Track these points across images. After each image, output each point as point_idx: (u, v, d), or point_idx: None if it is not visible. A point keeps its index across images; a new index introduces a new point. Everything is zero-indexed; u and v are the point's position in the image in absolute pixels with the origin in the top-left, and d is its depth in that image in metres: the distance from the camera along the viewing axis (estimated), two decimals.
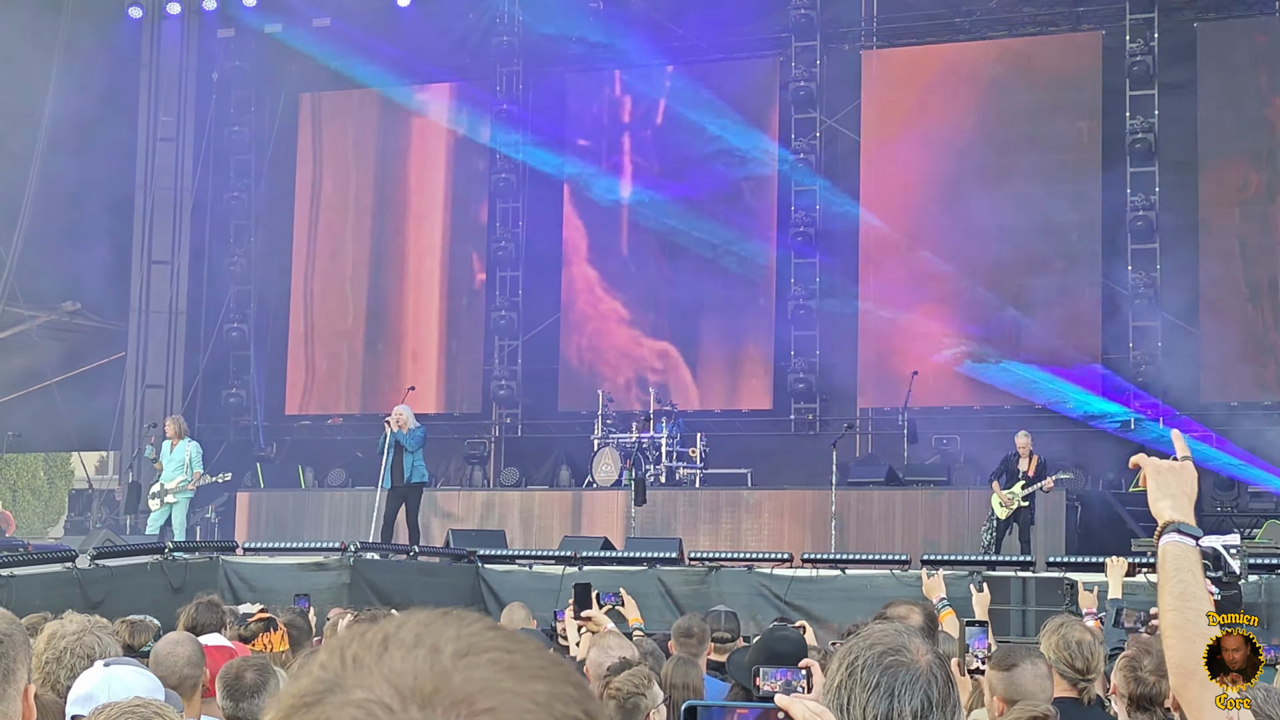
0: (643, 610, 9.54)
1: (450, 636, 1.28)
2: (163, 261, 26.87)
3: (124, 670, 4.94)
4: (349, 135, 28.12)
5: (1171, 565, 3.13)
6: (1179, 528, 3.19)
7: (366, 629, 1.31)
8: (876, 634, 3.06)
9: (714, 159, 25.71)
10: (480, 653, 1.27)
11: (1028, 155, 24.11)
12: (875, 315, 24.42)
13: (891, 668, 2.97)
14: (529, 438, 26.09)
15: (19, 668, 2.69)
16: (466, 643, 1.28)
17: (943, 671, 3.00)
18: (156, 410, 25.67)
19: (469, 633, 1.29)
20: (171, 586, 15.50)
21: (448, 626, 1.30)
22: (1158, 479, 3.30)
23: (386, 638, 1.29)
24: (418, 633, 1.29)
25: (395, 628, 1.30)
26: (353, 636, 1.31)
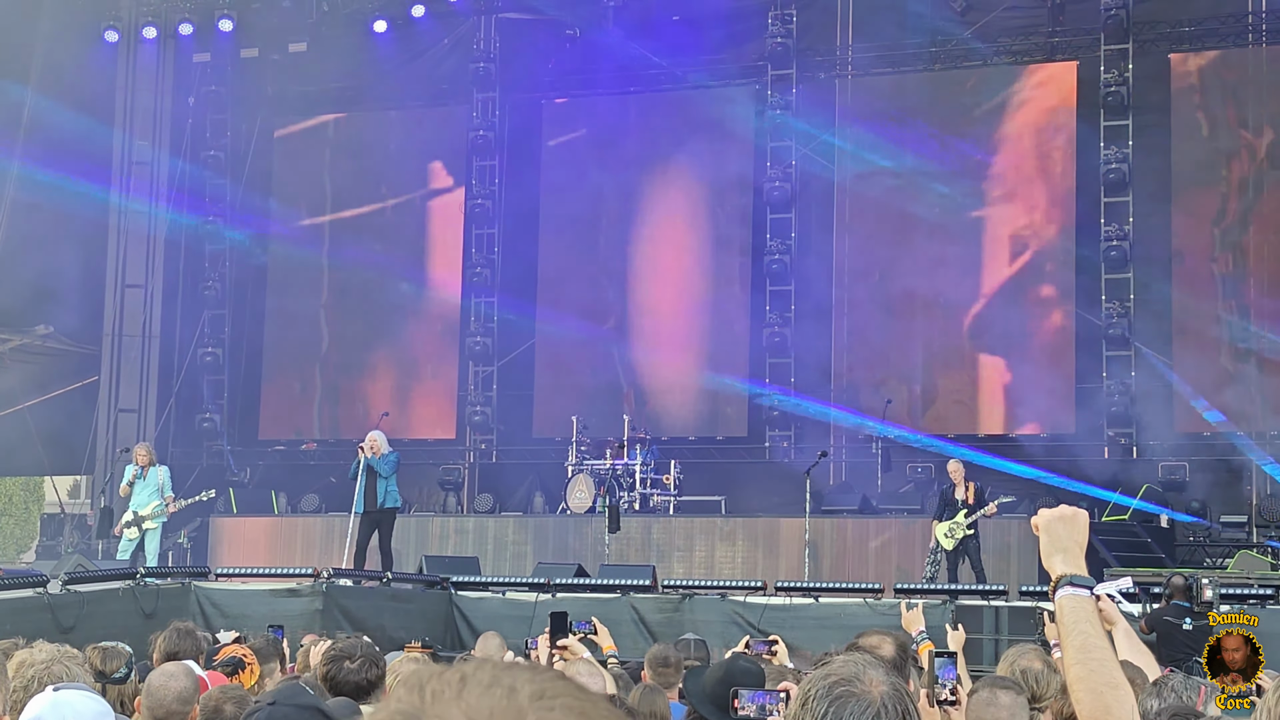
0: (616, 638, 9.52)
1: (525, 680, 1.37)
2: (136, 285, 26.79)
3: (72, 695, 4.89)
4: (324, 159, 28.10)
5: (1069, 619, 3.16)
6: (1072, 580, 3.23)
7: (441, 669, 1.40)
8: (835, 665, 3.01)
9: (689, 188, 25.76)
10: (554, 697, 1.35)
11: (1000, 185, 24.20)
12: (850, 343, 24.47)
13: (841, 698, 2.92)
14: (503, 464, 26.06)
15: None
16: (540, 687, 1.36)
17: (899, 704, 2.94)
18: (130, 434, 25.57)
19: (542, 679, 1.38)
20: (143, 612, 15.42)
21: (522, 672, 1.39)
22: (1049, 533, 3.36)
23: (464, 677, 1.38)
24: (494, 675, 1.38)
25: (472, 670, 1.39)
26: (430, 674, 1.40)
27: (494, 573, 19.62)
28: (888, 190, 24.72)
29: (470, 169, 26.79)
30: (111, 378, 26.57)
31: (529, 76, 26.66)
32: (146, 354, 26.76)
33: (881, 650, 6.18)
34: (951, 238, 24.35)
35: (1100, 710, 3.05)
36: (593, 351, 25.94)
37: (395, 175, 27.64)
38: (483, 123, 26.61)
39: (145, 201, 26.93)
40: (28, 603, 14.77)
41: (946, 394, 24.05)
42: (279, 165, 28.44)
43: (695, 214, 25.87)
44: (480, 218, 26.48)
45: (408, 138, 27.66)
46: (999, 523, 20.87)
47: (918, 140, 24.69)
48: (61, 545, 24.99)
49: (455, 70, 27.06)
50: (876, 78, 25.23)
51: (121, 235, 26.86)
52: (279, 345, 27.87)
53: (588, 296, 26.20)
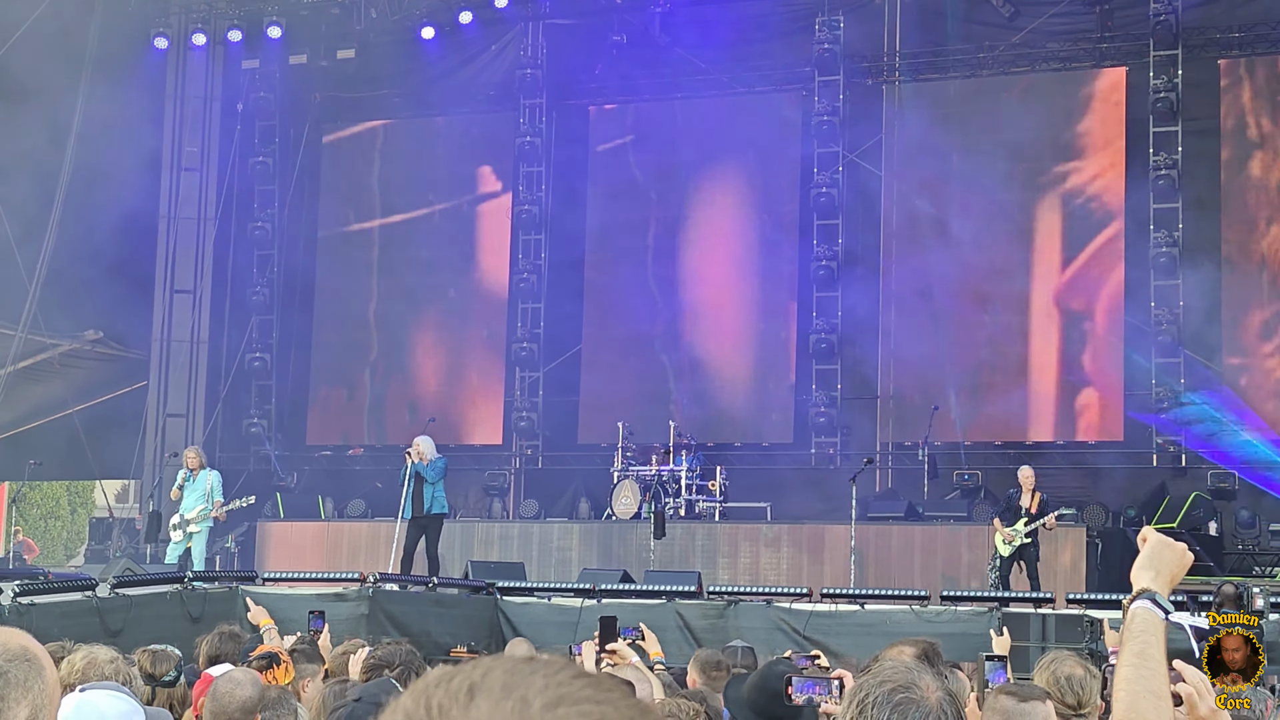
0: (661, 644, 9.51)
1: (539, 687, 1.26)
2: (185, 291, 26.94)
3: (97, 695, 4.88)
4: (372, 165, 28.21)
5: (1138, 626, 3.19)
6: (1154, 597, 3.25)
7: (452, 675, 1.29)
8: (887, 671, 3.06)
9: (735, 193, 25.78)
10: (571, 704, 1.25)
11: (1050, 191, 24.11)
12: (897, 350, 24.42)
13: (901, 705, 2.97)
14: (549, 469, 26.08)
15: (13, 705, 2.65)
16: (556, 693, 1.25)
17: (953, 708, 3.01)
18: (178, 439, 25.71)
19: (557, 682, 1.27)
20: (190, 616, 15.49)
21: (535, 676, 1.28)
22: (1155, 549, 3.39)
23: (473, 687, 1.27)
24: (505, 682, 1.27)
25: (481, 676, 1.28)
26: (438, 683, 1.29)
27: (539, 578, 19.61)
28: (935, 197, 24.65)
29: (517, 175, 26.84)
30: (160, 383, 26.72)
31: (576, 82, 26.70)
32: (195, 359, 26.91)
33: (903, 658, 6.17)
34: (1000, 244, 24.26)
35: (1134, 712, 3.05)
36: (639, 357, 25.95)
37: (443, 181, 27.72)
38: (530, 129, 26.65)
39: (194, 207, 27.10)
40: (76, 606, 14.85)
41: (994, 401, 23.94)
42: (327, 171, 28.57)
43: (742, 220, 25.86)
44: (527, 223, 26.52)
45: (455, 144, 27.73)
46: (1046, 531, 20.78)
47: (965, 147, 24.61)
48: (110, 549, 25.14)
49: (503, 76, 27.12)
50: (924, 84, 25.15)
51: (171, 241, 27.02)
52: (327, 350, 27.99)
53: (634, 302, 26.20)
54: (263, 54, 27.43)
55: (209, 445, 25.44)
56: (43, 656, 2.73)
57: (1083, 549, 20.19)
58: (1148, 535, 3.45)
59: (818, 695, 4.64)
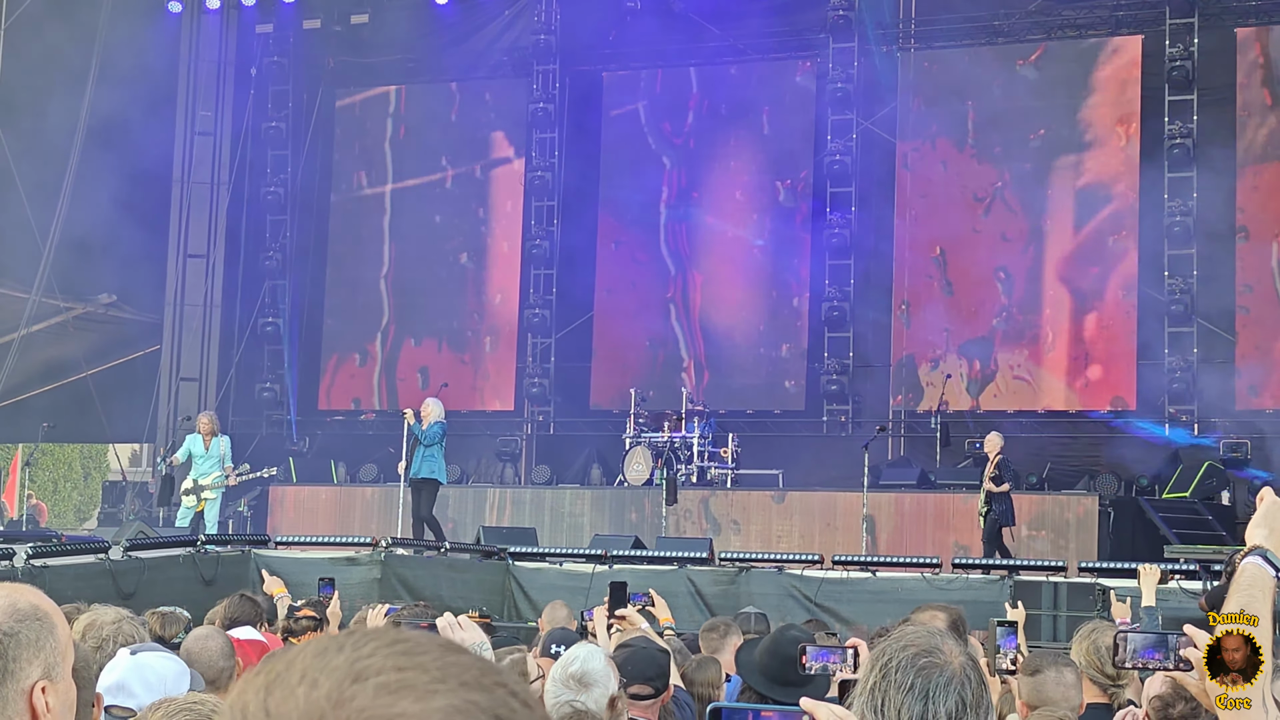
0: (672, 610, 9.53)
1: (334, 667, 1.19)
2: (198, 255, 26.99)
3: (151, 657, 4.89)
4: (385, 131, 28.19)
5: (1245, 581, 3.23)
6: (1265, 554, 3.28)
7: (259, 671, 1.24)
8: (909, 636, 3.07)
9: (749, 160, 25.74)
10: (368, 678, 1.18)
11: (1064, 159, 24.04)
12: (910, 319, 24.41)
13: (925, 669, 2.98)
14: (561, 435, 26.11)
15: (25, 666, 2.64)
16: (353, 670, 1.18)
17: (976, 673, 3.02)
18: (191, 403, 25.79)
19: (358, 657, 1.20)
20: (203, 579, 15.55)
21: (339, 653, 1.21)
22: (1268, 510, 3.41)
23: (275, 679, 1.21)
24: (304, 668, 1.20)
25: (285, 666, 1.22)
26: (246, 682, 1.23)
27: (551, 544, 19.65)
28: (949, 164, 24.61)
29: (530, 141, 26.80)
30: (173, 347, 26.78)
31: (589, 48, 26.62)
32: (208, 323, 26.96)
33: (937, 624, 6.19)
34: (1013, 212, 24.21)
35: None
36: (651, 324, 25.95)
37: (456, 147, 27.69)
38: (543, 95, 26.61)
39: (207, 171, 27.12)
40: (90, 568, 14.91)
41: (1006, 370, 23.92)
42: (340, 136, 28.55)
43: (755, 187, 25.82)
44: (540, 189, 26.50)
45: (468, 109, 27.70)
46: (1058, 499, 20.80)
47: (980, 114, 24.55)
48: (123, 512, 25.22)
49: (516, 42, 27.07)
50: (938, 51, 25.06)
51: (184, 205, 27.06)
52: (339, 315, 28.02)
53: (647, 269, 26.20)
54: (276, 18, 27.42)
55: (221, 410, 25.48)
56: (54, 614, 2.73)
57: (1095, 518, 20.20)
58: (1266, 495, 3.47)
59: (833, 664, 4.66)
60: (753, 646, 6.26)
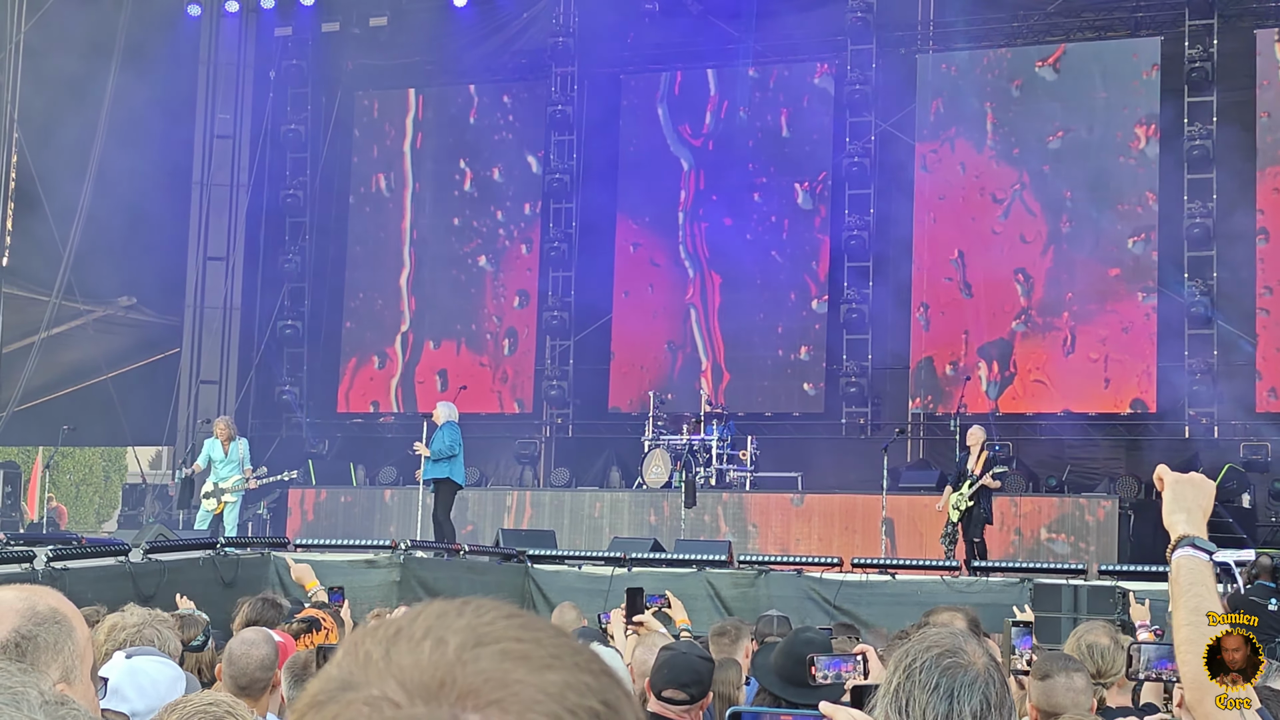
0: (691, 613, 9.53)
1: (459, 628, 1.25)
2: (218, 258, 27.05)
3: (146, 662, 4.88)
4: (404, 134, 28.22)
5: (1185, 580, 3.11)
6: (1193, 541, 3.17)
7: (381, 624, 1.28)
8: (932, 637, 3.10)
9: (767, 162, 25.72)
10: (490, 644, 1.23)
11: (1083, 161, 23.99)
12: (928, 320, 24.37)
13: (950, 669, 3.01)
14: (580, 438, 26.11)
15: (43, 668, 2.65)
16: (476, 634, 1.24)
17: (998, 674, 3.05)
18: (210, 406, 25.85)
19: (480, 623, 1.26)
20: (223, 581, 15.57)
21: (460, 617, 1.26)
22: (1175, 490, 3.29)
23: (398, 632, 1.26)
24: (428, 625, 1.26)
25: (408, 621, 1.27)
26: (367, 633, 1.28)
27: (570, 546, 19.65)
28: (968, 165, 24.56)
29: (549, 143, 26.81)
30: (192, 349, 26.84)
31: (607, 50, 26.61)
32: (227, 326, 27.02)
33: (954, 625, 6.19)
34: (1032, 214, 24.15)
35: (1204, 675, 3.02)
36: (670, 326, 25.95)
37: (474, 149, 27.70)
38: (561, 97, 26.62)
39: (227, 174, 27.18)
40: (110, 571, 14.95)
41: (1025, 372, 23.88)
42: (359, 139, 28.58)
43: (774, 189, 25.79)
44: (558, 192, 26.51)
45: (487, 111, 27.72)
46: (1077, 502, 20.75)
47: (999, 115, 24.51)
48: (143, 515, 25.28)
49: (534, 44, 27.07)
50: (957, 53, 25.02)
51: (203, 208, 27.12)
52: (358, 318, 28.05)
53: (665, 271, 26.20)
54: (295, 21, 27.46)
55: (241, 412, 25.57)
56: (74, 617, 2.74)
57: (1115, 520, 20.14)
58: (1163, 475, 3.37)
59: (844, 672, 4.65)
60: (770, 650, 6.26)
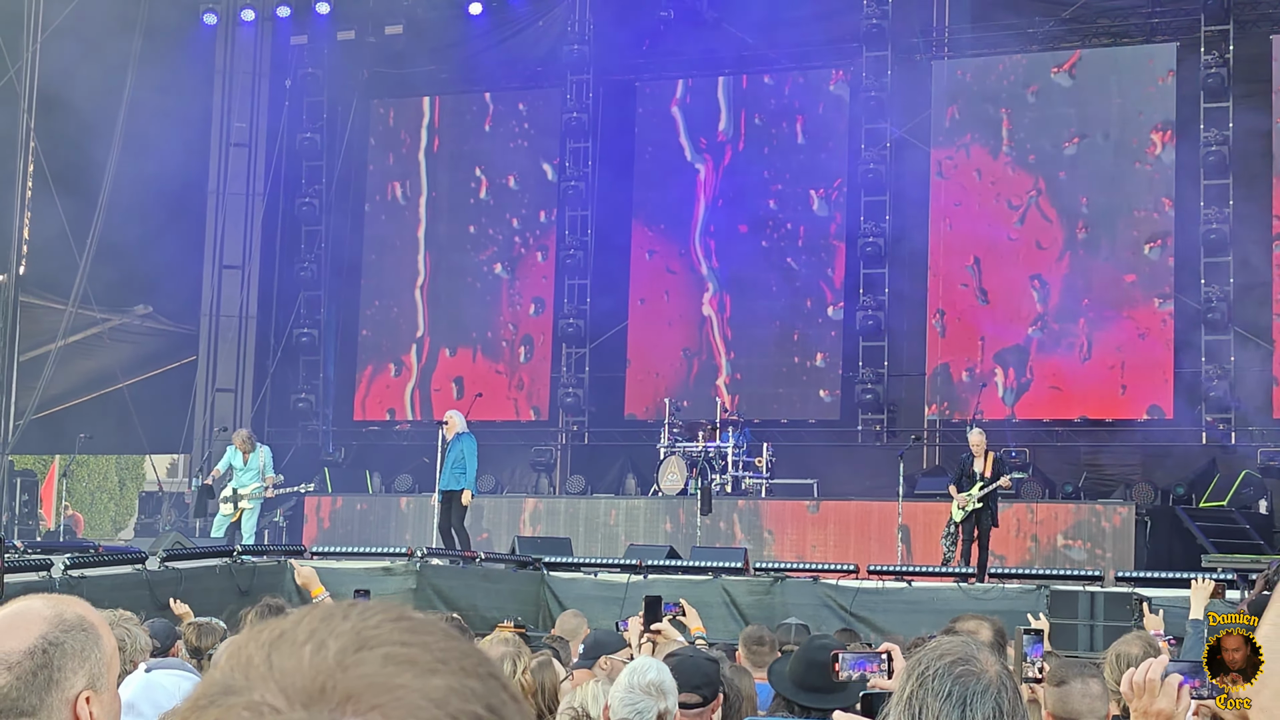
0: (707, 620, 9.53)
1: (342, 631, 1.22)
2: (234, 266, 27.08)
3: (164, 676, 4.86)
4: (420, 141, 28.25)
5: None
6: None
7: (265, 627, 1.25)
8: (945, 645, 3.12)
9: (782, 169, 25.72)
10: (374, 647, 1.20)
11: (1099, 167, 23.95)
12: (944, 327, 24.34)
13: (963, 677, 3.02)
14: (595, 445, 26.11)
15: (70, 676, 2.67)
16: (359, 637, 1.21)
17: (1011, 682, 3.07)
18: (226, 414, 25.89)
19: (365, 626, 1.22)
20: (239, 589, 15.59)
21: (345, 620, 1.23)
22: None
23: (280, 635, 1.23)
24: (311, 629, 1.23)
25: (292, 624, 1.24)
26: (250, 636, 1.25)
27: (585, 554, 19.65)
28: (984, 172, 24.54)
29: (564, 150, 26.83)
30: (209, 358, 26.88)
31: (622, 57, 26.63)
32: (243, 334, 27.05)
33: (980, 635, 6.20)
34: (1048, 220, 24.12)
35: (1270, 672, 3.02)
36: (685, 333, 25.96)
37: (489, 156, 27.72)
38: (576, 104, 26.64)
39: (242, 183, 27.22)
40: (127, 579, 14.98)
41: (1042, 379, 23.84)
42: (375, 147, 28.63)
43: (789, 195, 25.79)
44: (573, 199, 26.52)
45: (502, 119, 27.76)
46: (1094, 509, 20.70)
47: (1015, 122, 24.49)
48: (159, 523, 25.30)
49: (549, 52, 27.10)
50: (972, 59, 25.01)
51: (219, 216, 27.16)
52: (374, 325, 28.08)
53: (681, 278, 26.21)
54: (311, 30, 27.50)
55: (257, 420, 25.62)
56: (100, 625, 2.76)
57: (1131, 527, 20.09)
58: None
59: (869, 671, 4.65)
60: (787, 658, 6.27)
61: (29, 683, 2.61)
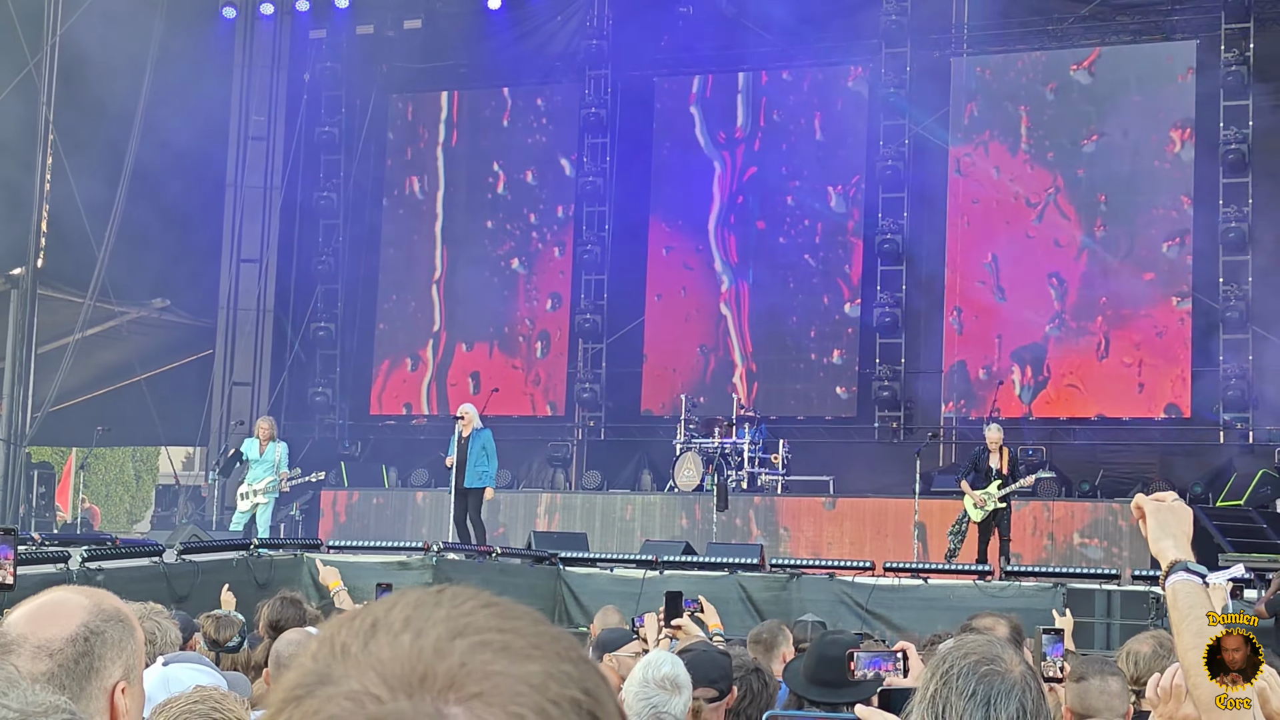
0: (723, 616, 9.51)
1: (439, 619, 1.23)
2: (251, 260, 27.11)
3: (182, 670, 4.87)
4: (438, 136, 28.27)
5: (1184, 604, 3.17)
6: (1186, 566, 3.23)
7: (356, 614, 1.26)
8: (970, 644, 3.12)
9: (801, 165, 25.70)
10: (470, 634, 1.22)
11: (1117, 164, 23.91)
12: (961, 324, 24.31)
13: (987, 676, 3.03)
14: (612, 441, 26.11)
15: (109, 665, 2.69)
16: (456, 624, 1.22)
17: (1035, 681, 3.08)
18: (243, 407, 25.93)
19: (459, 613, 1.24)
20: (257, 583, 15.61)
21: (438, 608, 1.24)
22: (1158, 518, 3.35)
23: (375, 623, 1.24)
24: (406, 616, 1.23)
25: (384, 611, 1.25)
26: (342, 623, 1.26)
27: (602, 549, 19.66)
28: (1002, 169, 24.50)
29: (582, 146, 26.84)
30: (226, 351, 26.92)
31: (641, 53, 26.62)
32: (260, 328, 27.08)
33: (997, 632, 6.20)
34: (1066, 218, 24.08)
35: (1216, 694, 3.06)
36: (702, 330, 25.95)
37: (507, 152, 27.74)
38: (595, 99, 26.63)
39: (261, 176, 27.25)
40: (144, 572, 15.02)
41: (1059, 377, 23.81)
42: (393, 141, 28.65)
43: (807, 192, 25.76)
44: (591, 195, 26.51)
45: (520, 114, 27.77)
46: (1110, 507, 20.67)
47: (1033, 119, 24.45)
48: (176, 516, 25.36)
49: (568, 47, 27.12)
50: (991, 56, 24.97)
51: (237, 210, 27.19)
52: (391, 320, 28.10)
53: (698, 274, 26.21)
54: (330, 24, 27.52)
55: (274, 414, 25.60)
56: (133, 618, 2.78)
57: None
58: (1142, 504, 3.42)
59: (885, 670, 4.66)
60: (800, 661, 6.29)
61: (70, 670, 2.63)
